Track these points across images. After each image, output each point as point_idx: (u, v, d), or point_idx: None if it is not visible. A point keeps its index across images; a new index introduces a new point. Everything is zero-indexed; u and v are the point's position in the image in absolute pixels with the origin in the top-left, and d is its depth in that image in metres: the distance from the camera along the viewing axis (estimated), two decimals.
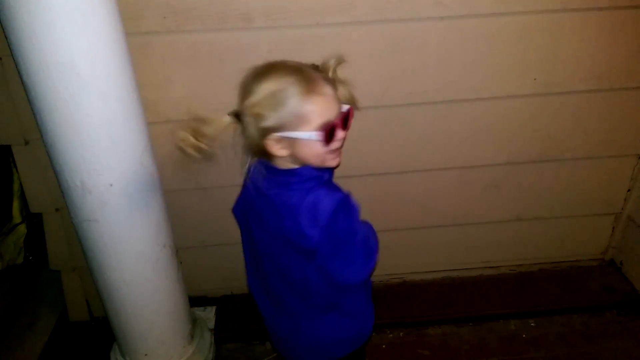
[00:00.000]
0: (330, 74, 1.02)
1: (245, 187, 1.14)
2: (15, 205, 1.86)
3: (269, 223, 1.06)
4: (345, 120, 1.00)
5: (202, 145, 0.96)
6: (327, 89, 0.96)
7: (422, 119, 1.53)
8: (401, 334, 1.79)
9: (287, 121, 0.94)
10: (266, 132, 0.96)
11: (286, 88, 0.93)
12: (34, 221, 1.95)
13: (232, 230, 1.73)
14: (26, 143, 1.46)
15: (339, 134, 0.99)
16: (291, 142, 0.97)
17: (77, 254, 1.66)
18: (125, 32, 1.10)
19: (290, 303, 1.15)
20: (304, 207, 0.97)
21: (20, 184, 1.83)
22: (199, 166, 1.58)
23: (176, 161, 1.14)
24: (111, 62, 1.07)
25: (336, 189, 1.03)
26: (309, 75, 0.96)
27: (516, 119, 1.57)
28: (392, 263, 1.87)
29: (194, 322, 1.64)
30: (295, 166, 1.02)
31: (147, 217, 1.28)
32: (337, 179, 1.10)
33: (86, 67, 1.02)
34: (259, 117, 0.95)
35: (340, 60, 1.05)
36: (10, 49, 1.01)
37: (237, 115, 0.98)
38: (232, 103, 1.45)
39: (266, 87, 0.94)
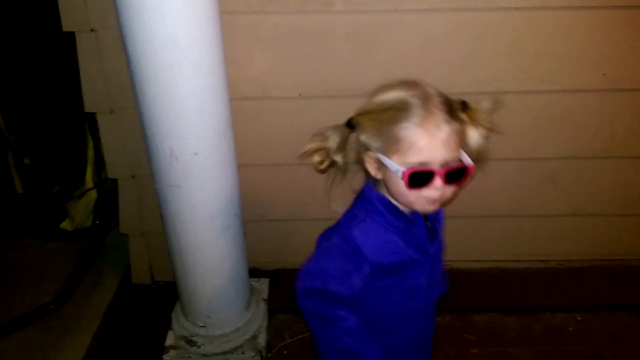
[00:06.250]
0: (476, 119, 0.89)
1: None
2: (89, 171, 1.98)
3: None
4: (451, 174, 0.86)
5: (329, 162, 0.94)
6: (443, 130, 0.83)
7: None
8: (447, 318, 1.83)
9: (383, 142, 0.87)
10: (363, 146, 0.91)
11: (397, 107, 0.85)
12: (103, 188, 2.07)
13: (291, 207, 1.82)
14: (111, 112, 1.56)
15: (436, 183, 0.86)
16: (384, 167, 0.89)
17: (146, 219, 1.77)
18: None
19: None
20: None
21: (94, 151, 1.95)
22: (267, 145, 1.66)
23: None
24: (207, 38, 1.14)
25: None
26: (430, 105, 0.84)
27: (582, 113, 1.58)
28: None
29: (251, 291, 1.72)
30: (386, 195, 0.95)
31: (223, 186, 1.36)
32: None
33: (186, 40, 1.09)
34: (360, 127, 0.90)
35: (497, 105, 0.91)
36: (118, 21, 1.09)
37: (350, 124, 0.92)
38: (306, 84, 1.52)
39: (380, 99, 0.88)
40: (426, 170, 0.85)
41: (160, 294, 1.89)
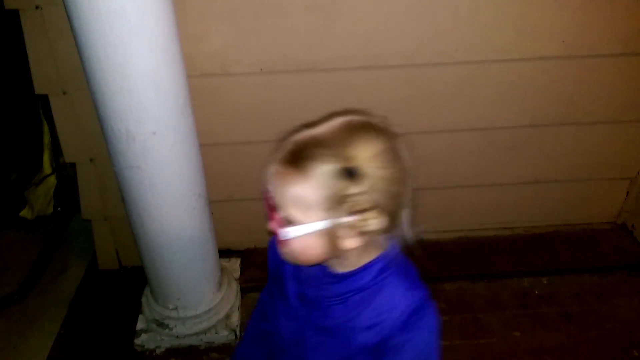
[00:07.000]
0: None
1: None
2: (46, 156, 1.91)
3: None
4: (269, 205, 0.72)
5: None
6: (277, 175, 0.70)
7: (451, 79, 1.56)
8: None
9: None
10: None
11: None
12: (63, 173, 2.00)
13: (258, 186, 1.78)
14: (64, 93, 1.49)
15: (272, 220, 0.73)
16: None
17: (109, 203, 1.72)
18: None
19: None
20: None
21: (51, 135, 1.88)
22: (230, 123, 1.62)
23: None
24: (158, 12, 1.09)
25: None
26: (287, 145, 0.69)
27: (542, 81, 1.59)
28: None
29: (222, 271, 1.71)
30: None
31: (185, 166, 1.33)
32: None
33: (136, 15, 1.04)
34: None
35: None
36: None
37: None
38: (267, 59, 1.49)
39: None
40: (265, 196, 0.73)
41: (128, 279, 1.85)
